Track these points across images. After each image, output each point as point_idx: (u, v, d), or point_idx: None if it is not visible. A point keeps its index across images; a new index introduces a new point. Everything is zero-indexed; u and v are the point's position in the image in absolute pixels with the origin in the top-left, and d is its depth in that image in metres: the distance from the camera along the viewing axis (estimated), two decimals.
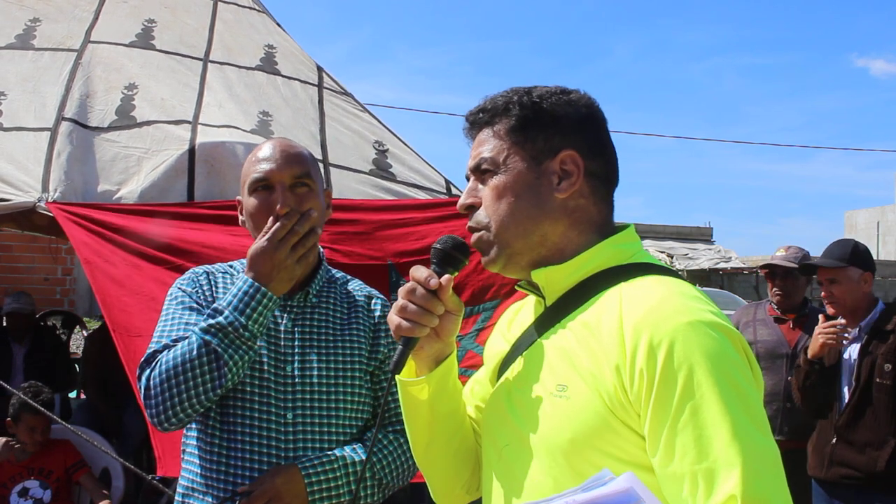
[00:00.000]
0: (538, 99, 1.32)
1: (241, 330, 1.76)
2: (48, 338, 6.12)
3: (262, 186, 1.90)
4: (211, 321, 1.77)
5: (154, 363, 1.80)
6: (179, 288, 1.96)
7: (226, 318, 1.76)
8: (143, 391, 1.80)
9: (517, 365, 1.35)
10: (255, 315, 1.77)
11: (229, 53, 4.17)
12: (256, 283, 1.78)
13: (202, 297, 1.92)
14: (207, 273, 1.99)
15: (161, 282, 2.91)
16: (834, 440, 3.38)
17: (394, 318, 1.32)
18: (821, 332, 3.37)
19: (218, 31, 4.29)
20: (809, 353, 3.45)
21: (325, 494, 1.84)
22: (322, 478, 1.84)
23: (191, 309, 1.90)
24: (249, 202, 1.92)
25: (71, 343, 7.64)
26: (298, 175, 1.91)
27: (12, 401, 3.98)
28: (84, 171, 3.36)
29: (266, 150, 1.95)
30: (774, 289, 4.31)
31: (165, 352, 1.79)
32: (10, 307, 5.70)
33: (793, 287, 4.29)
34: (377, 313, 2.03)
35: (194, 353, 1.75)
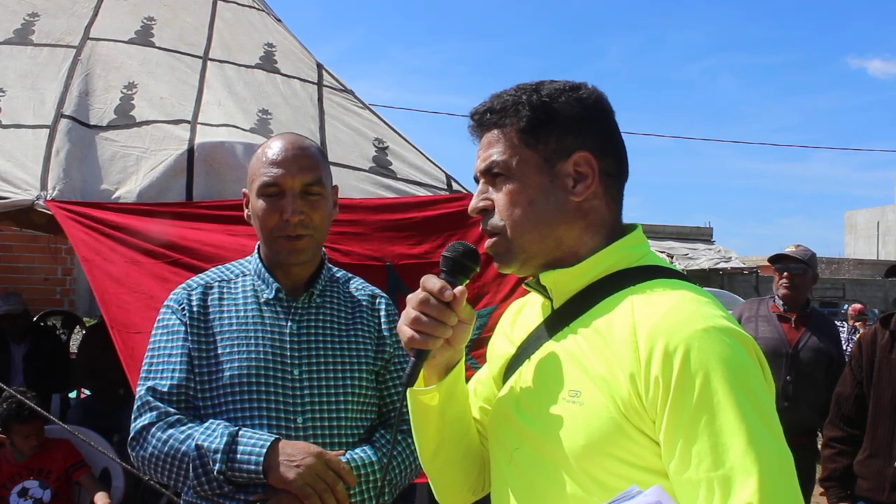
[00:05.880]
0: (548, 98, 1.29)
1: (220, 480, 1.76)
2: (48, 338, 6.12)
3: (272, 192, 1.88)
4: (212, 446, 1.76)
5: (147, 424, 1.82)
6: (168, 306, 1.94)
7: (217, 462, 1.75)
8: (131, 434, 1.85)
9: (525, 368, 1.34)
10: (237, 477, 1.77)
11: (229, 51, 4.16)
12: (263, 472, 1.76)
13: (190, 316, 1.89)
14: (204, 287, 1.94)
15: (160, 278, 2.90)
16: None
17: (406, 330, 1.29)
18: None
19: (217, 29, 4.28)
20: None
21: None
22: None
23: (176, 335, 1.88)
24: (258, 204, 1.90)
25: (71, 343, 7.63)
26: (309, 182, 1.89)
27: None
28: (83, 169, 3.35)
29: (277, 150, 1.91)
30: (782, 281, 4.33)
31: (159, 430, 1.80)
32: (2, 310, 5.65)
33: (801, 283, 4.32)
34: (382, 312, 2.01)
35: (177, 456, 1.78)
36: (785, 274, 4.32)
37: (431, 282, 1.29)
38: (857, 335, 4.02)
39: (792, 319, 4.33)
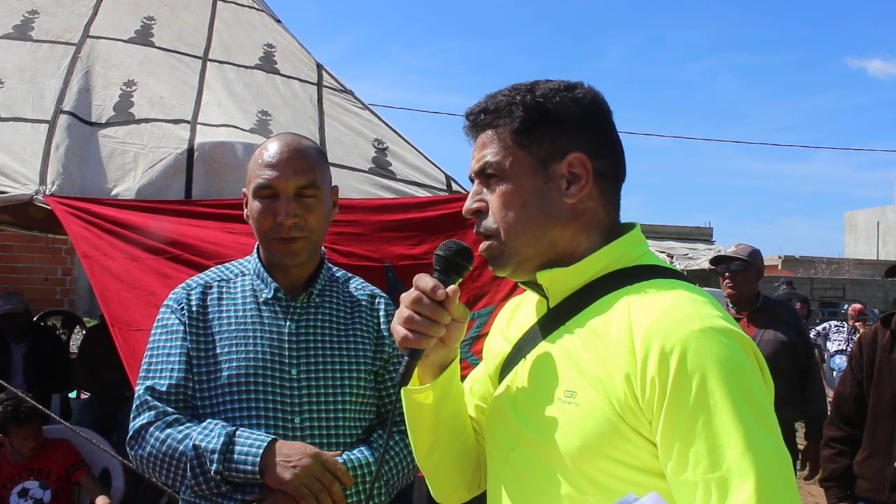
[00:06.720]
0: (542, 99, 1.28)
1: (217, 480, 1.77)
2: (48, 338, 6.11)
3: (266, 195, 1.89)
4: (209, 446, 1.76)
5: (146, 423, 1.82)
6: (167, 306, 1.94)
7: (214, 463, 1.75)
8: (130, 433, 1.85)
9: (521, 367, 1.33)
10: (233, 477, 1.78)
11: (228, 52, 4.16)
12: (259, 473, 1.76)
13: (189, 315, 1.90)
14: (203, 287, 1.95)
15: (160, 273, 2.89)
16: None
17: (399, 330, 1.28)
18: None
19: (217, 30, 4.28)
20: None
21: None
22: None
23: (175, 334, 1.89)
24: (254, 206, 1.91)
25: (71, 343, 7.63)
26: (304, 185, 1.89)
27: None
28: (82, 165, 3.34)
29: (273, 152, 1.91)
30: (726, 281, 4.36)
31: (158, 430, 1.81)
32: (3, 309, 5.66)
33: (743, 280, 4.33)
34: (381, 312, 2.01)
35: (175, 456, 1.78)
36: (727, 274, 4.34)
37: (424, 280, 1.28)
38: (858, 335, 4.00)
39: (744, 318, 4.34)
